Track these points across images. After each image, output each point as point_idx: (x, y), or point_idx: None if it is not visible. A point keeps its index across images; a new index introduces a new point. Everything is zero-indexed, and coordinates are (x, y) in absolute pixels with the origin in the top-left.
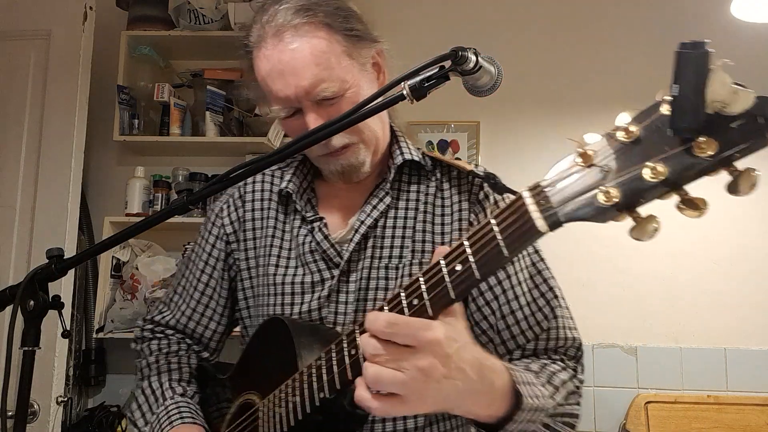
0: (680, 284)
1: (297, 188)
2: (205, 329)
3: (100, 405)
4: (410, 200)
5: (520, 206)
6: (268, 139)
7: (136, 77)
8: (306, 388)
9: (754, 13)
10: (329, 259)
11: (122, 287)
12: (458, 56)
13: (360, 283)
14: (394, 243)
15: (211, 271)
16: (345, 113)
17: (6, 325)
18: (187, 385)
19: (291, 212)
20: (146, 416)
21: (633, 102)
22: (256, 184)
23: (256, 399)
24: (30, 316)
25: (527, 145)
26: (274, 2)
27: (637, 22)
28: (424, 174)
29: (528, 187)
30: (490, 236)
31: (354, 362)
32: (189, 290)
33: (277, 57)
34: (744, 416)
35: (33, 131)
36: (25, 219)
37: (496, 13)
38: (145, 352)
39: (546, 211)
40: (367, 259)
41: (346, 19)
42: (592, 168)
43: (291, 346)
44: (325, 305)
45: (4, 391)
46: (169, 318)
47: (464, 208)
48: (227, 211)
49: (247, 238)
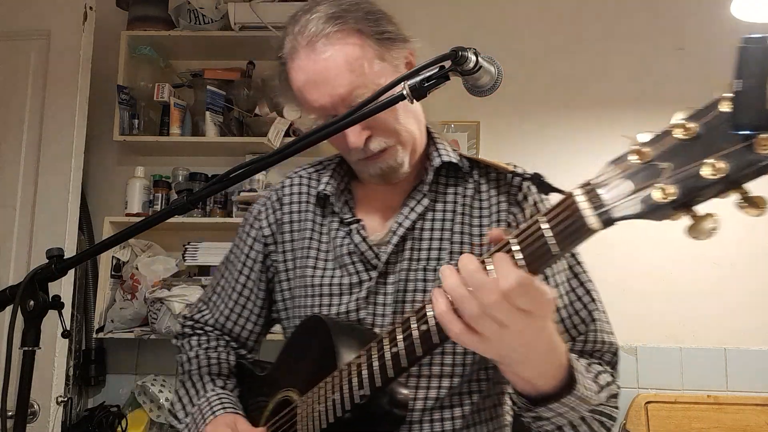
0: (680, 284)
1: (335, 190)
2: (242, 329)
3: (100, 405)
4: (448, 202)
5: (571, 204)
6: (268, 139)
7: (136, 77)
8: (346, 386)
9: (754, 13)
10: (367, 261)
11: (122, 287)
12: (458, 56)
13: (398, 285)
14: (432, 245)
15: (249, 273)
16: (344, 114)
17: (6, 325)
18: (227, 379)
19: (328, 214)
20: (187, 408)
21: (633, 102)
22: (294, 186)
23: (295, 396)
24: (30, 316)
25: (527, 145)
26: (305, 12)
27: (637, 22)
28: (461, 176)
29: (579, 185)
30: (537, 234)
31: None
32: (227, 290)
33: (312, 67)
34: (744, 416)
35: (33, 131)
36: (25, 219)
37: (496, 13)
38: (185, 348)
39: (598, 209)
40: (405, 261)
41: (376, 22)
42: (647, 166)
43: (330, 344)
44: (363, 306)
45: (4, 391)
46: (208, 317)
47: (503, 209)
48: (265, 213)
49: (284, 240)
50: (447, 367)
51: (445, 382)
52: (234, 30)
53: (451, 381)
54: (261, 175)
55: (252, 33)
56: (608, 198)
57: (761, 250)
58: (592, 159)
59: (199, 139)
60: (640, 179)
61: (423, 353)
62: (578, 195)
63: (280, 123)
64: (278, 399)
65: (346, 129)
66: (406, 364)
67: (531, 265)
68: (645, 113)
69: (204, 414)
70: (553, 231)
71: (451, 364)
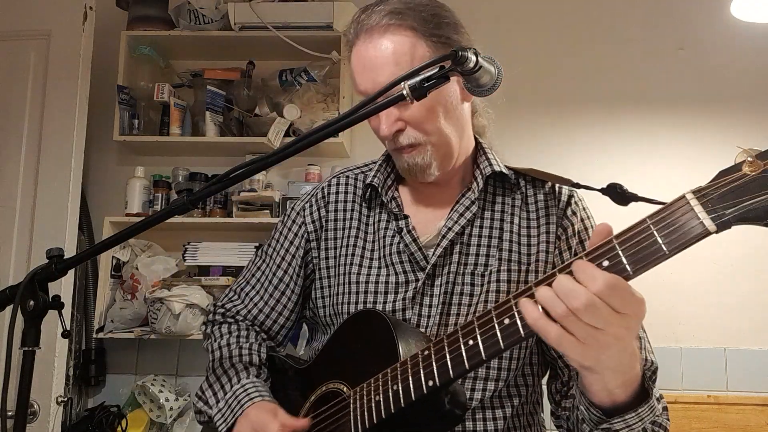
0: (680, 284)
1: (382, 183)
2: (274, 323)
3: (100, 405)
4: (496, 211)
5: (683, 206)
6: (268, 139)
7: (136, 77)
8: (411, 378)
9: (754, 13)
10: (416, 262)
11: (122, 287)
12: (458, 56)
13: (446, 287)
14: (479, 251)
15: (287, 267)
16: (346, 112)
17: (6, 325)
18: (259, 369)
19: (375, 210)
20: (218, 394)
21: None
22: (341, 186)
23: (344, 388)
24: (30, 316)
25: (527, 145)
26: (375, 4)
27: (637, 22)
28: (509, 186)
29: (690, 190)
30: (646, 234)
31: (474, 347)
32: (264, 283)
33: (364, 53)
34: (744, 416)
35: (33, 131)
36: (25, 219)
37: (496, 13)
38: (216, 335)
39: (713, 212)
40: (453, 264)
41: (438, 26)
42: (761, 176)
43: (391, 337)
44: (410, 307)
45: (4, 391)
46: (240, 307)
47: (551, 222)
48: (309, 210)
49: (328, 238)
50: (493, 371)
51: (490, 384)
52: (234, 30)
53: (496, 384)
54: (261, 175)
55: (252, 33)
56: (723, 202)
57: (761, 250)
58: (592, 159)
59: (199, 139)
60: (755, 188)
61: (505, 347)
62: (691, 198)
63: (280, 123)
64: (322, 392)
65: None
66: (484, 357)
67: (636, 265)
68: (645, 113)
69: (241, 400)
70: (664, 232)
71: (497, 367)
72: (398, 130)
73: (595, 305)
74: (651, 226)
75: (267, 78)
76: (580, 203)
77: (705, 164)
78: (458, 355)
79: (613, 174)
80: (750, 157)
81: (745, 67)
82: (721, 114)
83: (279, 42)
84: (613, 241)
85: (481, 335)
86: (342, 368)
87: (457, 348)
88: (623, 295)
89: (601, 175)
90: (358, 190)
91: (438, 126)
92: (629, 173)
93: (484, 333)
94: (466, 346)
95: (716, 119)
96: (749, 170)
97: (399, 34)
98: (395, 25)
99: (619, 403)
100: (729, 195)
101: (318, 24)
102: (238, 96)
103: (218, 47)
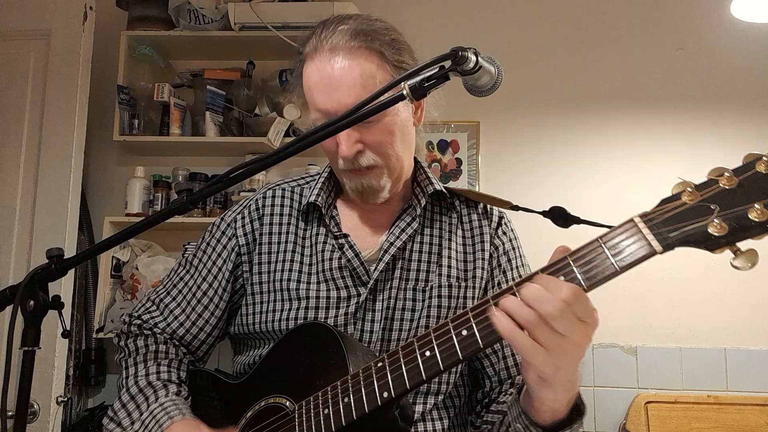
0: (680, 284)
1: (324, 202)
2: (195, 338)
3: (100, 405)
4: (435, 228)
5: (632, 227)
6: (268, 139)
7: (136, 77)
8: (363, 389)
9: (754, 13)
10: (358, 277)
11: (122, 287)
12: (458, 56)
13: (388, 302)
14: (420, 267)
15: (212, 281)
16: (345, 113)
17: (6, 325)
18: (179, 386)
19: (313, 226)
20: (133, 415)
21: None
22: (276, 198)
23: (287, 402)
24: (30, 316)
25: (527, 145)
26: (338, 21)
27: (637, 22)
28: (446, 205)
29: (637, 214)
30: (598, 253)
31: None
32: (186, 295)
33: (328, 71)
34: (744, 416)
35: (33, 131)
36: (25, 219)
37: (496, 13)
38: (130, 348)
39: (659, 235)
40: (395, 279)
41: (398, 51)
42: (700, 204)
43: (339, 350)
44: (352, 322)
45: (4, 391)
46: (159, 320)
47: (486, 240)
48: (242, 222)
49: (261, 252)
50: (434, 384)
51: (430, 398)
52: (234, 30)
53: (435, 397)
54: (261, 175)
55: (252, 33)
56: (667, 227)
57: (761, 250)
58: (592, 159)
59: (199, 139)
60: (693, 215)
61: (463, 358)
62: (639, 222)
63: (280, 123)
64: (261, 407)
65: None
66: (442, 368)
67: (589, 281)
68: (645, 113)
69: (159, 420)
70: (614, 251)
71: (437, 381)
72: (358, 151)
73: (564, 311)
74: (603, 245)
75: (267, 78)
76: (509, 224)
77: (704, 164)
78: (415, 366)
79: (613, 174)
80: (689, 187)
81: (745, 67)
82: (721, 114)
83: (279, 42)
84: (567, 259)
85: (439, 346)
86: (284, 382)
87: (413, 359)
88: (586, 304)
89: (600, 174)
90: (295, 203)
91: (395, 150)
92: (629, 173)
93: (442, 344)
94: (422, 357)
95: (716, 119)
96: (688, 199)
97: (365, 57)
98: (363, 47)
99: (559, 420)
100: (671, 220)
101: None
102: (238, 96)
103: (218, 47)
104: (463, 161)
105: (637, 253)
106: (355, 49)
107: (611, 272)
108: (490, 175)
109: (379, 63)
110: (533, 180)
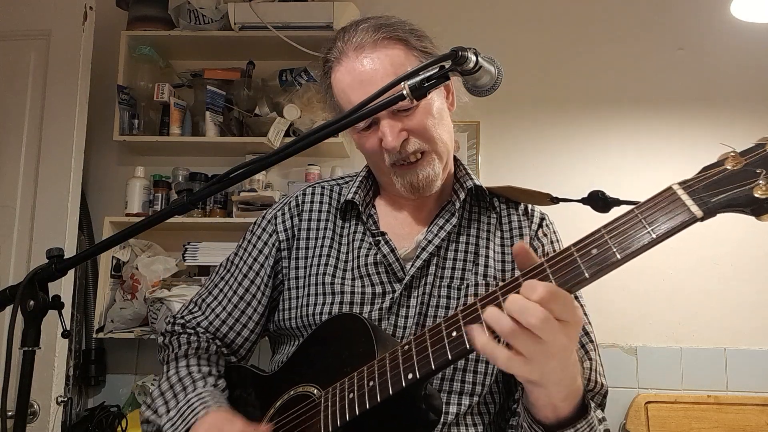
0: (680, 284)
1: (362, 200)
2: (238, 335)
3: (100, 405)
4: (472, 227)
5: (671, 195)
6: (268, 139)
7: (136, 77)
8: (389, 372)
9: (754, 13)
10: (393, 273)
11: (122, 287)
12: (458, 56)
13: (422, 299)
14: (456, 265)
15: (254, 277)
16: (346, 112)
17: (6, 325)
18: (216, 380)
19: (350, 223)
20: (170, 403)
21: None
22: (315, 195)
23: (315, 390)
24: (30, 316)
25: (527, 145)
26: (356, 23)
27: (637, 21)
28: (485, 205)
29: (676, 182)
30: (633, 222)
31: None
32: (228, 294)
33: (359, 69)
34: (744, 416)
35: (33, 131)
36: (25, 219)
37: (496, 13)
38: (173, 345)
39: (699, 200)
40: (430, 276)
41: (419, 38)
42: (745, 168)
43: (368, 338)
44: (386, 317)
45: (4, 391)
46: (201, 320)
47: (525, 242)
48: (282, 218)
49: (300, 247)
50: (468, 385)
51: (465, 399)
52: (234, 30)
53: (470, 399)
54: (261, 175)
55: (252, 33)
56: (708, 191)
57: (761, 250)
58: (592, 158)
59: (199, 139)
60: (738, 179)
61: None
62: (678, 188)
63: (280, 123)
64: (290, 396)
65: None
66: (468, 348)
67: (623, 252)
68: (645, 113)
69: (195, 409)
70: (650, 220)
71: (472, 381)
72: (403, 140)
73: (546, 320)
74: (638, 214)
75: (267, 78)
76: (551, 226)
77: (704, 163)
78: (441, 346)
79: (612, 173)
80: (732, 153)
81: (745, 67)
82: (721, 113)
83: (279, 42)
84: (601, 230)
85: (466, 325)
86: (314, 372)
87: (440, 339)
88: (565, 303)
89: (600, 174)
90: (334, 201)
91: (438, 133)
92: (628, 173)
93: (470, 323)
94: (449, 338)
95: (716, 119)
96: (731, 165)
97: (391, 45)
98: (386, 38)
99: (563, 419)
100: (713, 185)
101: (318, 24)
102: (238, 96)
103: (218, 47)
104: (463, 161)
105: (676, 220)
106: (380, 40)
107: (647, 241)
108: (490, 175)
109: (405, 50)
110: (533, 180)
